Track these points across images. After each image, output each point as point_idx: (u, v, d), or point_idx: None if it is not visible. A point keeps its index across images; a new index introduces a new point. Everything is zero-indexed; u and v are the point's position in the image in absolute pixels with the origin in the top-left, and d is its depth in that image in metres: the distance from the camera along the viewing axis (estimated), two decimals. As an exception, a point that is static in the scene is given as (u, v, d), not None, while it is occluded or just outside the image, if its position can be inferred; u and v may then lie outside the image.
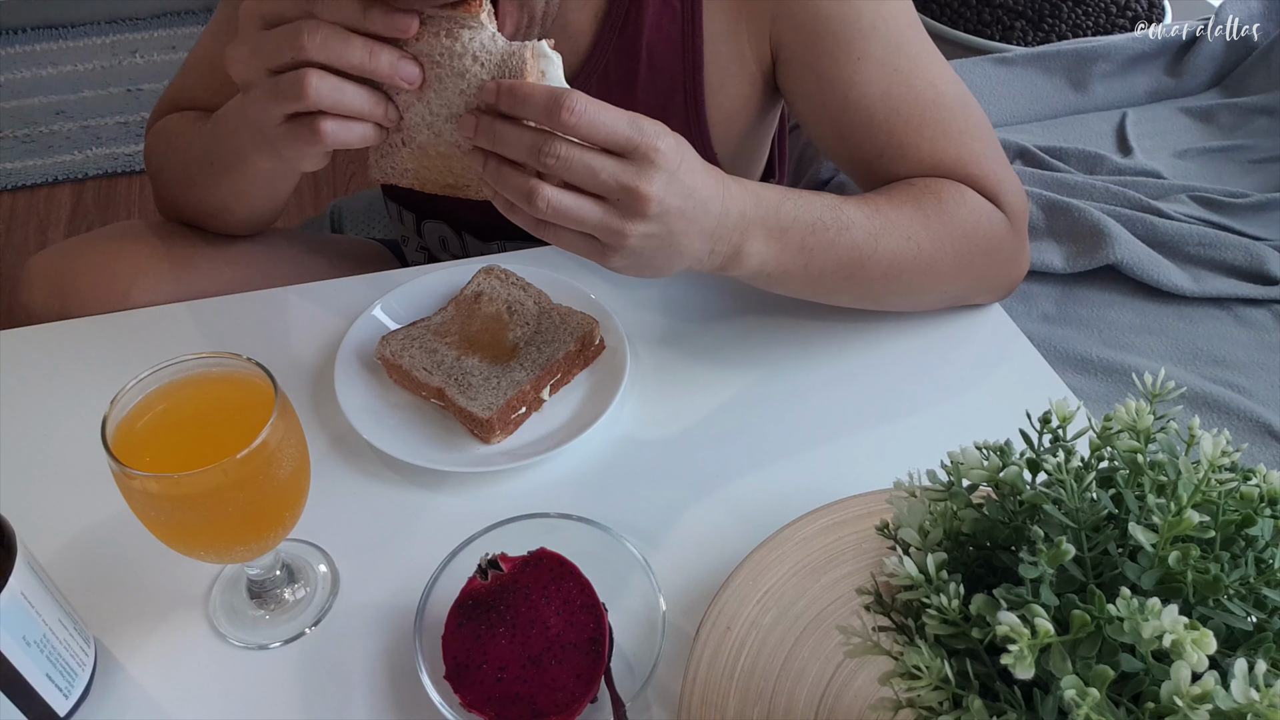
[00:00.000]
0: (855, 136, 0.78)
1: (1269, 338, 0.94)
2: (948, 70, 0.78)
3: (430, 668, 0.55)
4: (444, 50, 0.60)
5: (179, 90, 0.90)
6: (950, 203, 0.74)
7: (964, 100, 0.78)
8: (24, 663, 0.52)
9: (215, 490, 0.51)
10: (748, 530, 0.65)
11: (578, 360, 0.75)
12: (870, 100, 0.76)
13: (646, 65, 0.80)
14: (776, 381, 0.77)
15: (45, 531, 0.65)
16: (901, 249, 0.72)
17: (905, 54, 0.76)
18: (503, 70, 0.59)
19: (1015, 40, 1.80)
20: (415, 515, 0.68)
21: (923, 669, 0.36)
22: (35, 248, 2.09)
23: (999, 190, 0.77)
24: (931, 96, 0.76)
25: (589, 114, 0.56)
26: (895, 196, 0.74)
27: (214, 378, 0.57)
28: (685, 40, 0.79)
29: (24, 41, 2.59)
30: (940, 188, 0.75)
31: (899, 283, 0.75)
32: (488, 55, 0.59)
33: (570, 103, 0.55)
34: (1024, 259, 0.81)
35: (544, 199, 0.58)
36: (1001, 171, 0.78)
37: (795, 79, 0.79)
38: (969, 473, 0.42)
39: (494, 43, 0.59)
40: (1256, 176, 1.13)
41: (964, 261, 0.76)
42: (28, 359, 0.78)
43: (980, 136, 0.78)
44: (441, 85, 0.61)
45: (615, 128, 0.57)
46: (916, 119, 0.76)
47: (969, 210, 0.75)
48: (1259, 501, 0.37)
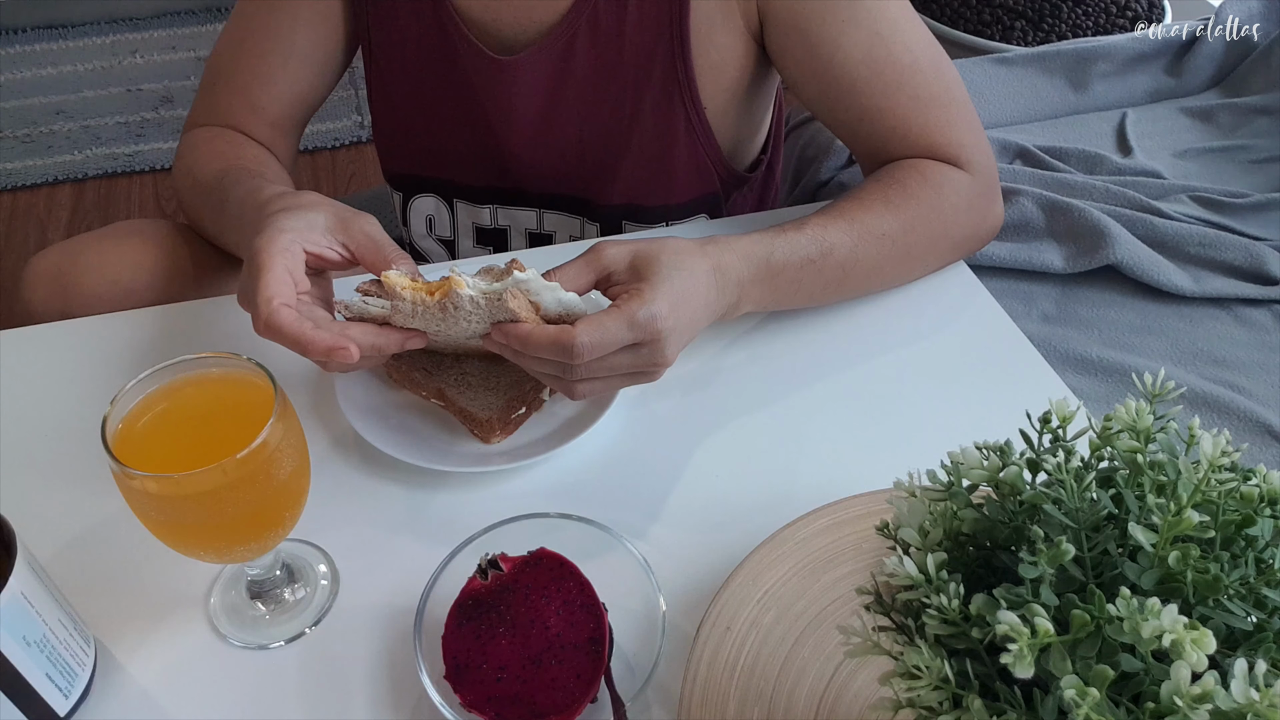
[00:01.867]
0: (839, 99, 0.82)
1: (1269, 338, 0.94)
2: (925, 33, 0.81)
3: (430, 668, 0.55)
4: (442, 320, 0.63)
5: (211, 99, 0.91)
6: (914, 187, 0.79)
7: (938, 67, 0.81)
8: (24, 663, 0.52)
9: (215, 490, 0.51)
10: (748, 530, 0.65)
11: (578, 360, 0.75)
12: (853, 63, 0.79)
13: (635, 7, 0.82)
14: (776, 381, 0.77)
15: (45, 531, 0.65)
16: (880, 250, 0.77)
17: (886, 17, 0.79)
18: (494, 311, 0.62)
19: (1015, 40, 1.80)
20: (415, 515, 0.68)
21: (923, 669, 0.36)
22: (35, 248, 2.09)
23: (961, 154, 0.81)
24: (908, 61, 0.80)
25: (595, 348, 0.61)
26: (866, 200, 0.78)
27: (214, 378, 0.57)
28: None
29: (24, 41, 2.59)
30: (905, 176, 0.80)
31: (880, 276, 0.80)
32: (476, 306, 0.62)
33: (577, 349, 0.60)
34: (994, 213, 0.86)
35: (580, 393, 0.65)
36: (966, 135, 0.82)
37: (782, 40, 0.82)
38: (969, 473, 0.42)
39: (476, 302, 0.62)
40: (1256, 176, 1.13)
41: (935, 238, 0.81)
42: (28, 359, 0.78)
43: (949, 103, 0.82)
44: (445, 331, 0.65)
45: (620, 341, 0.62)
46: (894, 84, 0.80)
47: (931, 187, 0.79)
48: (1259, 501, 0.37)
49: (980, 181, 0.82)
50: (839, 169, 1.12)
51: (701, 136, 0.89)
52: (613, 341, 0.61)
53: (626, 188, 0.92)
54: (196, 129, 0.90)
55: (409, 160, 0.98)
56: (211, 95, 0.91)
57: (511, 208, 0.97)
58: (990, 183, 0.84)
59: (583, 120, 0.88)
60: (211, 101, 0.90)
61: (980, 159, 0.82)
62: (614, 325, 0.61)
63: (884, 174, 0.81)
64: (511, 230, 0.99)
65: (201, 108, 0.91)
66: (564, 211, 0.96)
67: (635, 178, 0.91)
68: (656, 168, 0.91)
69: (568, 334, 0.60)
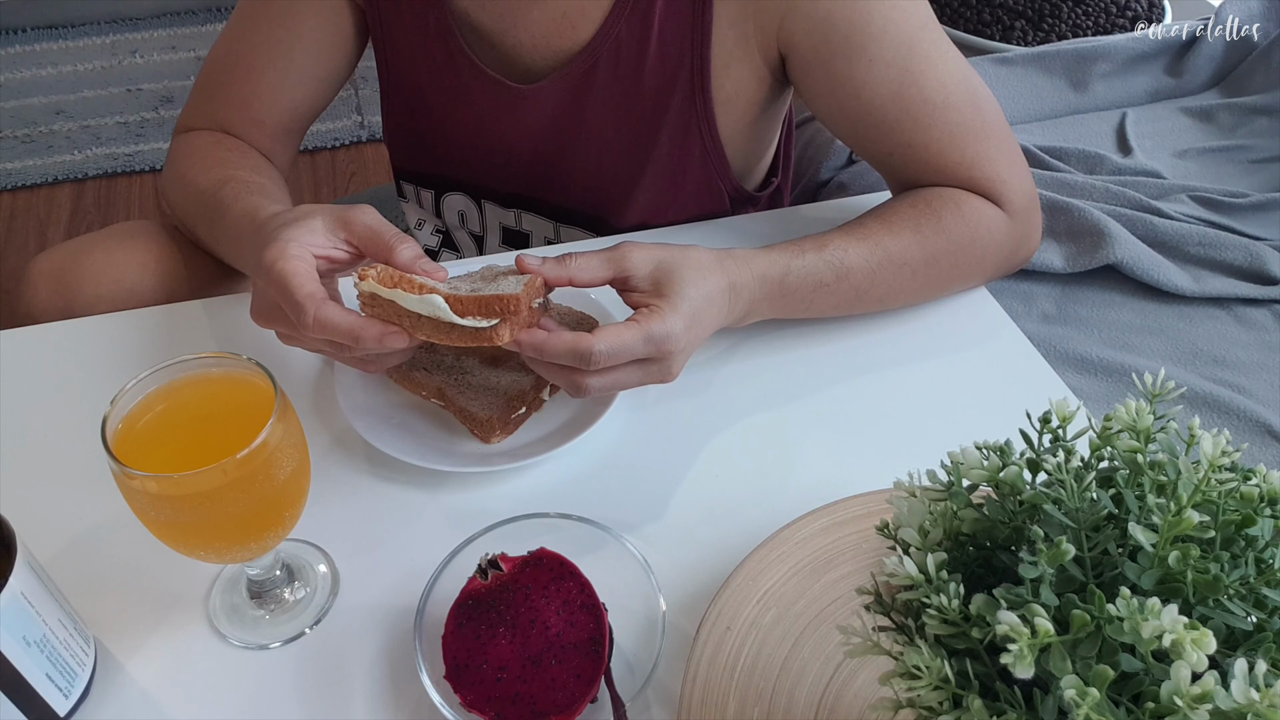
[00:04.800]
0: (868, 135, 0.80)
1: (1269, 338, 0.94)
2: (960, 67, 0.79)
3: (430, 668, 0.55)
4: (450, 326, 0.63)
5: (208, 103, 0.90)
6: (948, 220, 0.78)
7: (974, 99, 0.79)
8: (24, 663, 0.52)
9: (215, 490, 0.51)
10: (748, 530, 0.65)
11: (578, 360, 0.75)
12: (882, 101, 0.77)
13: (657, 39, 0.81)
14: (776, 382, 0.77)
15: (45, 531, 0.65)
16: (898, 278, 0.77)
17: (918, 54, 0.77)
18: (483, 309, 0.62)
19: (1015, 40, 1.80)
20: (415, 515, 0.68)
21: (923, 669, 0.36)
22: (35, 248, 2.09)
23: (1000, 190, 0.79)
24: (941, 99, 0.77)
25: (611, 358, 0.62)
26: (895, 223, 0.77)
27: (214, 378, 0.57)
28: (695, 20, 0.80)
29: (24, 41, 2.59)
30: (940, 206, 0.78)
31: (895, 301, 0.80)
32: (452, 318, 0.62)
33: (594, 358, 0.61)
34: (1027, 245, 0.84)
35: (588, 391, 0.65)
36: (1004, 170, 0.80)
37: (808, 78, 0.80)
38: (969, 473, 0.42)
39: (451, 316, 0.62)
40: (1256, 176, 1.13)
41: (960, 270, 0.80)
42: (29, 359, 0.78)
43: (986, 136, 0.79)
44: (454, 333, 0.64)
45: (634, 354, 0.63)
46: (925, 121, 0.78)
47: (966, 224, 0.78)
48: (1259, 501, 0.37)
49: (1018, 221, 0.81)
50: (839, 169, 1.12)
51: (715, 161, 0.88)
52: (627, 353, 0.63)
53: (640, 209, 0.92)
54: (193, 132, 0.89)
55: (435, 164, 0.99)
56: (209, 100, 0.89)
57: (532, 214, 0.97)
58: (1028, 219, 0.82)
59: (599, 147, 0.88)
60: (209, 106, 0.89)
61: (1018, 195, 0.80)
62: (631, 338, 0.63)
63: (919, 198, 0.79)
64: (533, 235, 1.00)
65: (197, 111, 0.90)
66: (579, 227, 0.96)
67: (648, 200, 0.91)
68: (670, 192, 0.90)
69: (585, 341, 0.61)
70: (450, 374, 0.73)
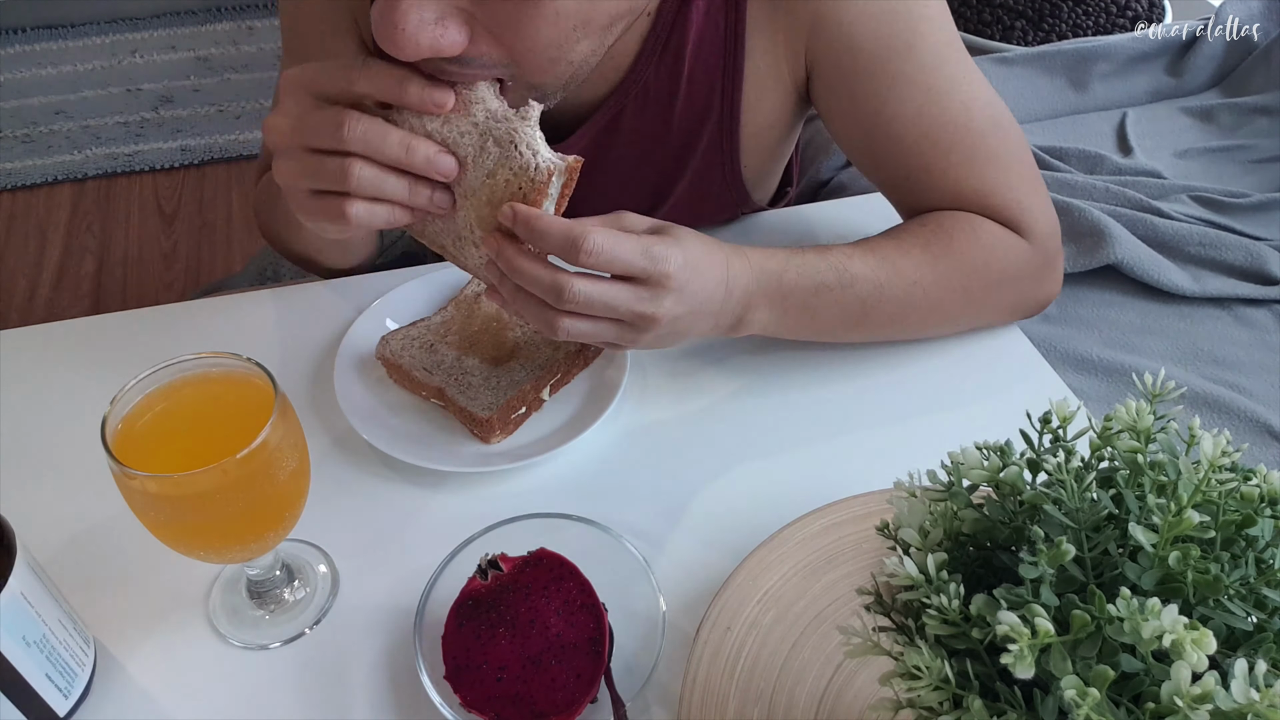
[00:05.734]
0: (885, 156, 0.77)
1: (1269, 338, 0.94)
2: (984, 90, 0.76)
3: (430, 668, 0.55)
4: (467, 130, 0.59)
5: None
6: (961, 242, 0.74)
7: (996, 123, 0.76)
8: (24, 663, 0.52)
9: (215, 490, 0.51)
10: (748, 530, 0.65)
11: (578, 360, 0.75)
12: (902, 121, 0.74)
13: (686, 83, 0.78)
14: (776, 381, 0.77)
15: (45, 531, 0.65)
16: (908, 296, 0.73)
17: (942, 74, 0.74)
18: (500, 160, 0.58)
19: (1015, 40, 1.80)
20: (415, 515, 0.68)
21: (923, 669, 0.36)
22: (35, 248, 2.09)
23: (1021, 218, 0.76)
24: (963, 121, 0.74)
25: (605, 252, 0.58)
26: (904, 241, 0.74)
27: (214, 378, 0.57)
28: (726, 59, 0.77)
29: (24, 41, 2.59)
30: (953, 227, 0.75)
31: (905, 324, 0.76)
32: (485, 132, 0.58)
33: (588, 245, 0.58)
34: (1051, 281, 0.80)
35: (563, 329, 0.61)
36: (1026, 198, 0.76)
37: (828, 95, 0.78)
38: (969, 473, 0.42)
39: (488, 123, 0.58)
40: (1257, 176, 1.13)
41: (974, 298, 0.76)
42: (28, 359, 0.78)
43: (1008, 163, 0.76)
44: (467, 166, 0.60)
45: (630, 261, 0.60)
46: (945, 144, 0.75)
47: (980, 248, 0.75)
48: (1259, 501, 0.37)
49: (1039, 251, 0.77)
50: (839, 169, 1.12)
51: (734, 191, 0.87)
52: (623, 257, 0.59)
53: None
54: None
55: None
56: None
57: None
58: (1050, 250, 0.78)
59: (616, 187, 0.86)
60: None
61: (1040, 224, 0.77)
62: (629, 242, 0.59)
63: (930, 219, 0.76)
64: None
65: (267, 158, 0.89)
66: None
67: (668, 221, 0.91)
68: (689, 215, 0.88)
69: (581, 227, 0.58)
70: (450, 374, 0.73)
